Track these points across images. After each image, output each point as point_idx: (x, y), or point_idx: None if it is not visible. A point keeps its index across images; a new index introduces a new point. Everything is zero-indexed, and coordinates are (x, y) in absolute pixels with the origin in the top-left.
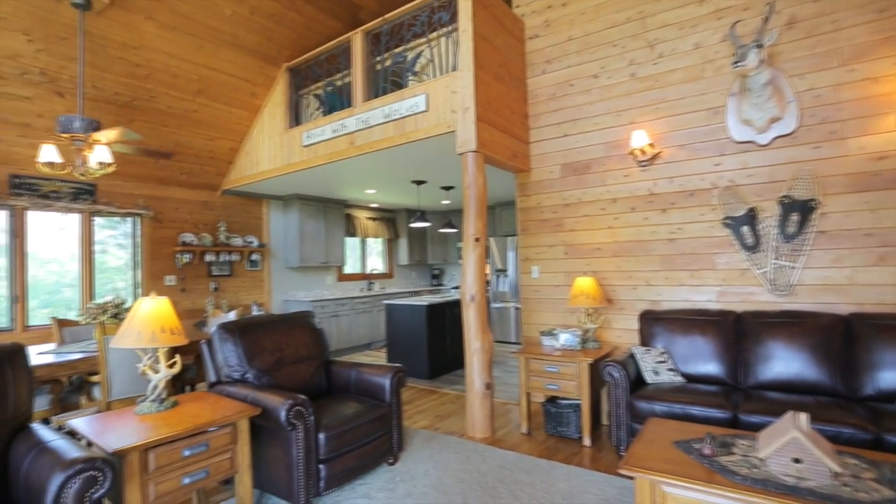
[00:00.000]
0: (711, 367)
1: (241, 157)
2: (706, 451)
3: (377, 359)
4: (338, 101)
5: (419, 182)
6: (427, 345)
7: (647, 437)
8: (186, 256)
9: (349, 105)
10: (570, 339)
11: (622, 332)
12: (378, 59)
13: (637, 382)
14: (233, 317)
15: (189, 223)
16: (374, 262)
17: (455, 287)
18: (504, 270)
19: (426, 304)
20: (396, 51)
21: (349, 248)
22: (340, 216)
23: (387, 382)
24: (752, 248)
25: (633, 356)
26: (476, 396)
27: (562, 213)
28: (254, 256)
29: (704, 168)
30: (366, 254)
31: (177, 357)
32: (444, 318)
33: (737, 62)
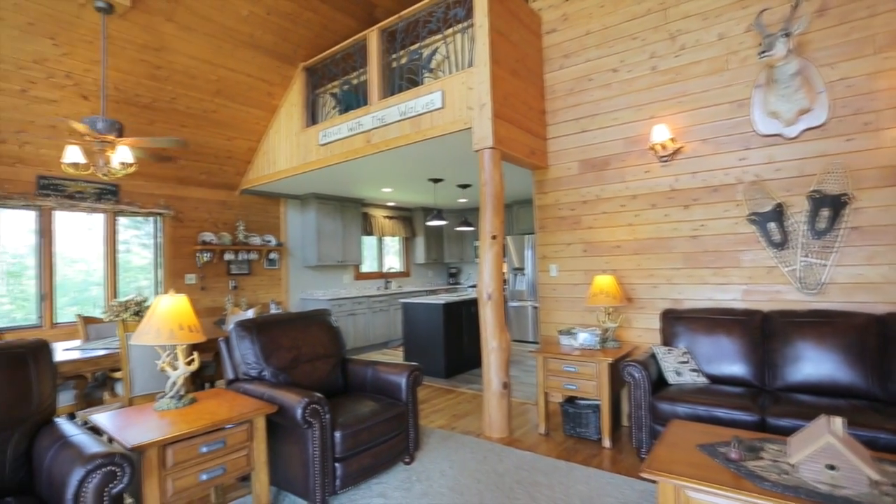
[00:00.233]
0: (736, 369)
1: (259, 157)
2: (733, 456)
3: (394, 357)
4: (354, 100)
5: (436, 180)
6: (444, 343)
7: (670, 440)
8: (206, 255)
9: (365, 103)
10: (589, 339)
11: (642, 332)
12: (394, 57)
13: (658, 383)
14: (251, 315)
15: (209, 222)
16: (392, 261)
17: (472, 286)
18: (522, 269)
19: (443, 303)
20: (412, 48)
21: (366, 247)
22: (357, 215)
23: (403, 381)
24: (780, 245)
25: (655, 356)
26: (493, 396)
27: (580, 211)
28: (272, 255)
29: (729, 163)
30: (383, 252)
31: (194, 354)
32: (461, 317)
33: (763, 52)
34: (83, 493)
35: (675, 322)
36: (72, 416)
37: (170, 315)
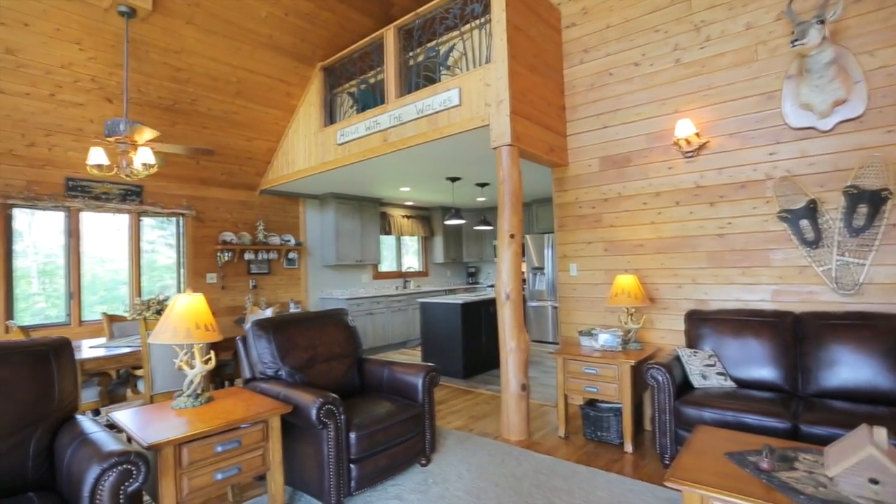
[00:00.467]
0: (766, 373)
1: (278, 157)
2: (764, 466)
3: (412, 357)
4: (371, 99)
5: (454, 179)
6: (462, 344)
7: (696, 447)
8: (227, 255)
9: (382, 102)
10: (611, 340)
11: (666, 333)
12: (411, 55)
13: (683, 387)
14: (269, 314)
15: (229, 222)
16: (410, 261)
17: (491, 285)
18: (541, 268)
19: (461, 303)
20: (429, 45)
21: (385, 247)
22: (376, 214)
23: (419, 382)
24: (813, 244)
25: (679, 359)
26: (511, 397)
27: (601, 209)
28: (291, 255)
29: (757, 158)
30: (401, 252)
31: (211, 353)
32: (480, 317)
33: (795, 41)
34: (99, 491)
35: (701, 323)
36: (96, 412)
37: (186, 314)
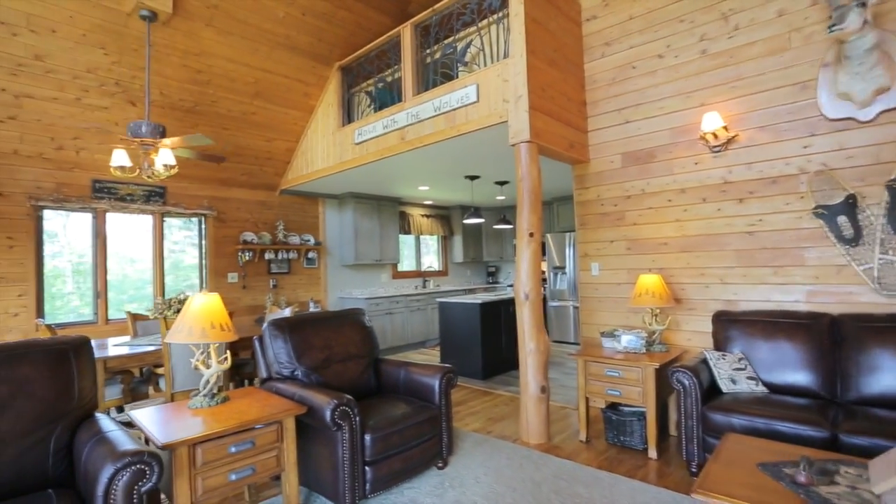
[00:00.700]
0: (801, 377)
1: (297, 157)
2: (801, 479)
3: (431, 357)
4: (388, 97)
5: (472, 177)
6: (481, 344)
7: (726, 457)
8: (247, 254)
9: (400, 100)
10: (634, 342)
11: (692, 335)
12: (428, 52)
13: (710, 391)
14: (287, 313)
15: (249, 222)
16: (429, 260)
17: (511, 285)
18: (562, 267)
19: (479, 303)
20: (446, 42)
21: (405, 246)
22: (394, 214)
23: (436, 383)
24: (852, 241)
25: (706, 362)
26: (530, 400)
27: (623, 206)
28: (310, 254)
29: (790, 151)
30: (420, 251)
31: (227, 353)
32: (499, 317)
33: (834, 26)
34: (113, 490)
35: (730, 325)
36: (120, 409)
37: (202, 314)
